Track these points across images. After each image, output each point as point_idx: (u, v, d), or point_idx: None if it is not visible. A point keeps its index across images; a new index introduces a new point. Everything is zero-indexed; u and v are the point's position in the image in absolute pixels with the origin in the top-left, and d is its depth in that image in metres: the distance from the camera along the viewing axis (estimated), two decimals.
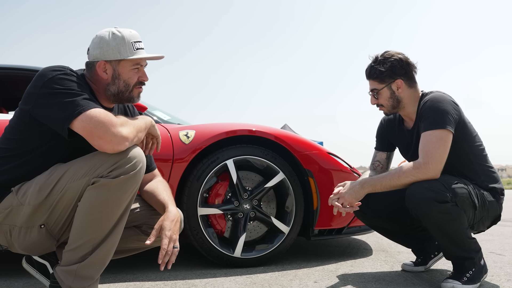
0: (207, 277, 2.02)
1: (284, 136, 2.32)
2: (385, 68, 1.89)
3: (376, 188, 1.82)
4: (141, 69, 1.55)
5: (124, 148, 1.37)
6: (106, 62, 1.50)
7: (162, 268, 1.42)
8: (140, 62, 1.54)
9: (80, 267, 1.37)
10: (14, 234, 1.46)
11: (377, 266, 2.28)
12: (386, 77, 1.90)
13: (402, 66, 1.90)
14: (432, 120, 1.78)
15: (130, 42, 1.51)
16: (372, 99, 1.97)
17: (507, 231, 3.77)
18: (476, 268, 1.77)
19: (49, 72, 1.40)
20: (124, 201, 1.39)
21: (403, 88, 1.91)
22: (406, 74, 1.91)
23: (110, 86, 1.53)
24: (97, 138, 1.34)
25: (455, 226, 1.72)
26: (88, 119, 1.33)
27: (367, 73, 1.97)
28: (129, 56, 1.50)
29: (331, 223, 2.36)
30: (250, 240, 2.32)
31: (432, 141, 1.75)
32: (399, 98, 1.92)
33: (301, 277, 2.01)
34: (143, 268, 2.22)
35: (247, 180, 2.32)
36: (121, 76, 1.52)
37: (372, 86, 1.95)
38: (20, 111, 1.45)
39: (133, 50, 1.51)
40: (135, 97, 1.57)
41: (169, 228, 1.47)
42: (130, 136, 1.38)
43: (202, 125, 2.35)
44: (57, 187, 1.39)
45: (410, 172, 1.75)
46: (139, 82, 1.55)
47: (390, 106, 1.94)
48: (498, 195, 1.89)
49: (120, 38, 1.49)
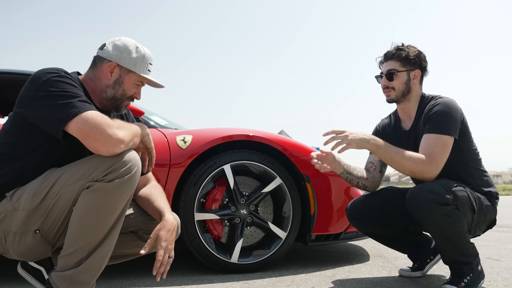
0: (204, 283, 2.00)
1: (281, 141, 2.32)
2: (412, 55, 1.96)
3: (379, 151, 1.82)
4: (140, 87, 1.62)
5: (120, 150, 1.36)
6: (117, 65, 1.55)
7: (158, 279, 1.42)
8: (144, 81, 1.62)
9: (75, 273, 1.35)
10: (8, 240, 1.44)
11: (374, 271, 2.27)
12: (410, 63, 1.96)
13: (425, 61, 1.99)
14: (440, 124, 1.81)
15: (147, 62, 1.60)
16: (384, 80, 1.99)
17: (503, 236, 3.77)
18: (473, 273, 1.77)
19: (43, 74, 1.39)
20: (119, 205, 1.38)
21: (417, 80, 1.97)
22: (423, 70, 2.00)
23: (108, 89, 1.55)
24: (93, 140, 1.33)
25: (455, 229, 1.72)
26: (84, 121, 1.32)
27: (390, 53, 1.99)
28: (141, 73, 1.57)
29: (328, 229, 2.36)
30: (247, 246, 2.31)
31: (438, 145, 1.78)
32: (411, 88, 1.96)
33: (298, 282, 2.00)
34: (139, 274, 2.20)
35: (244, 185, 2.32)
36: (124, 84, 1.57)
37: (392, 66, 1.97)
38: (13, 115, 1.44)
39: (145, 70, 1.59)
40: (123, 108, 1.62)
41: (165, 238, 1.46)
42: (126, 139, 1.37)
43: (199, 130, 2.34)
44: (52, 191, 1.38)
45: (414, 159, 1.76)
46: (131, 97, 1.61)
47: (400, 92, 1.97)
48: (493, 199, 1.90)
49: (142, 54, 1.58)
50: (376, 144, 1.82)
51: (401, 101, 1.99)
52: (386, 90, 1.99)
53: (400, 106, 2.02)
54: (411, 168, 1.77)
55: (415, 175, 1.80)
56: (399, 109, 2.05)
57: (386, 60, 2.00)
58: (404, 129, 2.03)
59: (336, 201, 2.37)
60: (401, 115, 2.06)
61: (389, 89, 1.98)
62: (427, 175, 1.77)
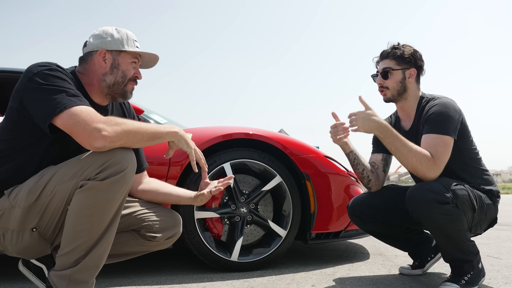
0: (204, 281, 2.00)
1: (281, 139, 2.32)
2: (408, 53, 1.96)
3: (386, 139, 1.81)
4: (137, 66, 1.61)
5: (101, 145, 1.32)
6: (107, 51, 1.54)
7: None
8: (137, 57, 1.60)
9: (73, 272, 1.35)
10: (7, 238, 1.44)
11: (375, 269, 2.27)
12: (405, 62, 1.96)
13: (420, 60, 1.99)
14: (440, 125, 1.80)
15: (132, 39, 1.59)
16: (379, 79, 1.99)
17: (503, 235, 3.77)
18: (474, 271, 1.77)
19: (34, 68, 1.40)
20: (114, 203, 1.37)
21: (413, 79, 1.97)
22: (419, 69, 1.99)
23: (106, 76, 1.55)
24: (76, 135, 1.33)
25: (455, 228, 1.72)
26: (68, 117, 1.32)
27: (386, 52, 1.99)
28: (131, 49, 1.57)
29: (329, 227, 2.35)
30: (247, 244, 2.31)
31: (440, 145, 1.77)
32: (406, 86, 1.96)
33: (299, 281, 2.00)
34: (139, 273, 2.20)
35: (244, 183, 2.31)
36: (120, 66, 1.56)
37: (387, 65, 1.97)
38: (9, 110, 1.44)
39: (134, 46, 1.59)
40: (129, 92, 1.60)
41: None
42: (110, 134, 1.33)
43: (199, 128, 2.34)
44: (46, 189, 1.37)
45: (420, 156, 1.75)
46: (133, 79, 1.60)
47: (395, 91, 1.96)
48: (495, 197, 1.90)
49: (123, 33, 1.58)
50: (385, 131, 1.81)
51: (398, 100, 1.99)
52: (381, 89, 1.99)
53: (399, 105, 2.02)
54: (414, 164, 1.76)
55: (416, 173, 1.79)
56: (398, 109, 2.05)
57: (381, 59, 2.01)
58: (404, 128, 2.03)
59: (336, 199, 2.36)
60: (400, 114, 2.06)
61: (383, 88, 1.98)
62: (428, 174, 1.76)
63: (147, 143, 1.45)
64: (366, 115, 1.81)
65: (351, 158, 1.98)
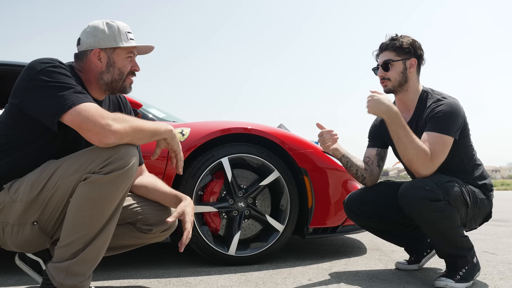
0: (201, 275, 2.01)
1: (279, 134, 2.32)
2: (406, 44, 1.96)
3: (392, 125, 1.81)
4: (133, 59, 1.59)
5: (111, 141, 1.34)
6: (101, 50, 1.52)
7: (182, 250, 1.56)
8: (133, 51, 1.58)
9: (71, 264, 1.36)
10: (6, 232, 1.45)
11: (371, 264, 2.28)
12: (405, 52, 1.95)
13: (420, 49, 1.99)
14: (443, 124, 1.80)
15: (124, 32, 1.56)
16: (381, 71, 1.99)
17: (500, 231, 3.79)
18: (469, 266, 1.78)
19: (37, 64, 1.39)
20: (116, 197, 1.38)
21: (414, 69, 1.97)
22: (419, 59, 1.99)
23: (103, 75, 1.54)
24: (86, 131, 1.33)
25: (448, 224, 1.73)
26: (77, 113, 1.32)
27: (385, 44, 1.99)
28: (124, 44, 1.54)
29: (326, 222, 2.36)
30: (244, 238, 2.32)
31: (439, 144, 1.77)
32: (407, 77, 1.96)
33: (295, 275, 2.02)
34: (137, 266, 2.21)
35: (242, 178, 2.32)
36: (116, 64, 1.55)
37: (387, 57, 1.97)
38: (9, 105, 1.44)
39: (128, 40, 1.56)
40: (128, 87, 1.59)
41: (191, 214, 1.60)
42: (120, 130, 1.34)
43: (197, 123, 2.34)
44: (49, 183, 1.38)
45: (420, 149, 1.76)
46: (132, 72, 1.59)
47: (397, 82, 1.96)
48: (488, 191, 1.91)
49: (114, 27, 1.54)
50: (393, 117, 1.80)
51: (399, 92, 1.98)
52: (382, 81, 1.99)
53: (398, 96, 2.01)
54: (411, 156, 1.76)
55: (411, 166, 1.79)
56: (397, 100, 2.04)
57: (381, 51, 2.01)
58: None
59: (333, 195, 2.37)
60: (399, 106, 2.05)
61: (385, 80, 1.98)
62: (422, 170, 1.76)
63: (148, 140, 1.46)
64: (379, 98, 1.82)
65: (344, 162, 2.00)
